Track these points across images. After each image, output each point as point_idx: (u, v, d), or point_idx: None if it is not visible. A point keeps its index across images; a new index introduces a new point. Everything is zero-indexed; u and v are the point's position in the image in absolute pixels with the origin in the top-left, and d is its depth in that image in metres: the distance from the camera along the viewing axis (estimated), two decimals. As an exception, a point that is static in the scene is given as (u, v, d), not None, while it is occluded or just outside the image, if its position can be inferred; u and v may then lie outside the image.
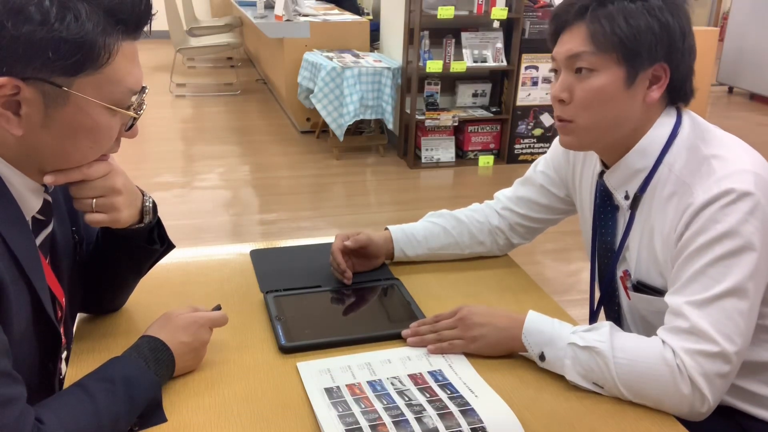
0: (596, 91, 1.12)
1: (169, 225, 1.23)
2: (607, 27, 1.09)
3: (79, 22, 0.85)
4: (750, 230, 1.03)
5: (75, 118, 0.90)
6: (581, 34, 1.11)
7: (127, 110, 0.95)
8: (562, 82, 1.15)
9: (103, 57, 0.88)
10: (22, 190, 0.94)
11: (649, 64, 1.11)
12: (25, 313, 0.94)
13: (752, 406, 1.20)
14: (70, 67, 0.86)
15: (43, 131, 0.89)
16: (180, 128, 5.69)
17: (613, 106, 1.13)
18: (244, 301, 1.33)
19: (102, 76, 0.89)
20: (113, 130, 0.96)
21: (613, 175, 1.21)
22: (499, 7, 4.54)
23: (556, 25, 1.16)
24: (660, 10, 1.09)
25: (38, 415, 0.85)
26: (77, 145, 0.93)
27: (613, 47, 1.09)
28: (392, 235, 1.45)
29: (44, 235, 1.03)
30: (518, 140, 4.96)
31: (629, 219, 1.21)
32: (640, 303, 1.23)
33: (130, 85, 0.94)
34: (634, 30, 1.08)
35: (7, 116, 0.87)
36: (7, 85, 0.84)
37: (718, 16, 9.04)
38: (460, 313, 1.19)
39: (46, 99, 0.87)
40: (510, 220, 1.48)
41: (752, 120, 6.43)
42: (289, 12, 5.43)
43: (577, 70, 1.13)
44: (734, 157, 1.09)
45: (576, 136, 1.18)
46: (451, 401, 1.03)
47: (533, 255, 3.55)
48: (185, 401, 1.04)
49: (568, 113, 1.16)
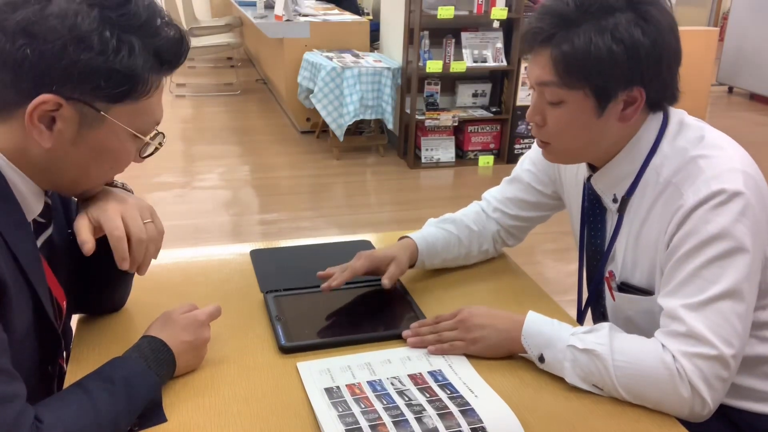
0: (566, 122, 1.12)
1: (169, 225, 1.23)
2: (570, 54, 1.06)
3: (132, 57, 0.91)
4: (742, 231, 1.03)
5: (105, 140, 0.95)
6: (545, 60, 1.09)
7: (152, 140, 1.02)
8: (534, 107, 1.15)
9: (144, 90, 0.94)
10: (25, 193, 0.95)
11: (621, 91, 1.08)
12: (26, 314, 0.94)
13: (743, 400, 1.20)
14: (114, 96, 0.92)
15: (71, 148, 0.93)
16: (180, 128, 5.70)
17: (586, 133, 1.13)
18: (244, 301, 1.33)
19: (138, 106, 0.96)
20: (131, 156, 1.02)
21: (600, 180, 1.22)
22: (499, 7, 4.54)
23: (526, 46, 1.14)
24: (627, 29, 1.04)
25: (38, 414, 0.85)
26: (99, 165, 0.98)
27: (578, 78, 1.07)
28: (417, 246, 1.40)
29: (44, 237, 1.03)
30: (518, 140, 4.96)
31: (617, 221, 1.21)
32: (625, 303, 1.23)
33: (157, 117, 1.01)
34: (597, 62, 1.04)
35: (40, 129, 0.90)
36: (49, 102, 0.88)
37: (718, 16, 9.04)
38: (461, 315, 1.19)
39: (83, 119, 0.92)
40: (503, 223, 1.48)
41: (752, 120, 6.43)
42: (289, 12, 5.43)
43: (548, 101, 1.12)
44: (722, 156, 1.09)
45: (555, 155, 1.21)
46: (451, 401, 1.03)
47: (533, 255, 3.55)
48: (185, 401, 1.04)
49: (544, 136, 1.17)
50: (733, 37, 7.18)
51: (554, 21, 1.07)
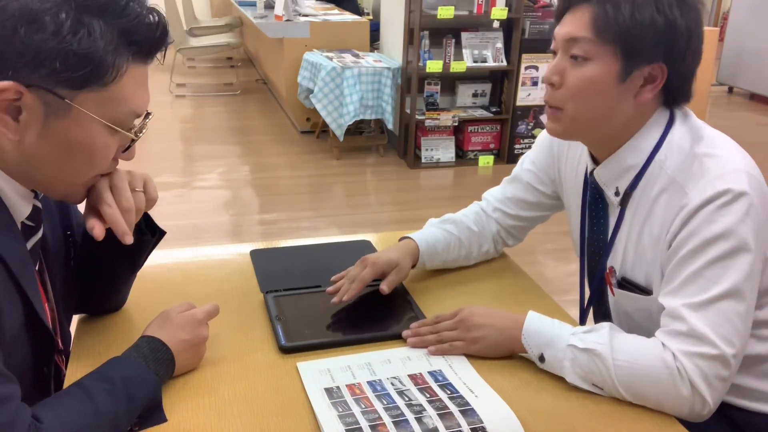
0: (587, 81, 1.11)
1: (169, 225, 1.23)
2: (611, 14, 1.07)
3: (91, 38, 0.86)
4: (745, 231, 1.03)
5: (73, 131, 0.90)
6: (584, 17, 1.10)
7: (127, 132, 0.95)
8: (555, 65, 1.15)
9: (110, 75, 0.89)
10: (12, 195, 0.93)
11: (647, 63, 1.10)
12: (16, 315, 0.94)
13: (742, 399, 1.20)
14: (75, 80, 0.87)
15: (40, 141, 0.89)
16: (180, 128, 5.69)
17: (602, 99, 1.12)
18: (244, 301, 1.33)
19: (106, 93, 0.90)
20: (110, 150, 0.96)
21: (603, 171, 1.21)
22: (499, 7, 4.54)
23: (562, 4, 1.15)
24: (670, 6, 1.07)
25: (37, 414, 0.85)
26: (72, 160, 0.93)
27: (613, 38, 1.08)
28: (419, 247, 1.40)
29: (34, 240, 1.02)
30: (518, 140, 4.96)
31: (619, 215, 1.21)
32: (624, 300, 1.23)
33: (134, 107, 0.94)
34: (637, 24, 1.07)
35: (6, 120, 0.87)
36: (9, 90, 0.84)
37: (718, 16, 9.04)
38: (461, 315, 1.19)
39: (47, 109, 0.87)
40: (503, 223, 1.48)
41: (752, 120, 6.43)
42: (289, 12, 5.43)
43: (573, 56, 1.12)
44: (727, 156, 1.09)
45: (563, 124, 1.17)
46: (451, 401, 1.03)
47: (533, 255, 3.55)
48: (185, 401, 1.04)
49: (557, 99, 1.15)
50: (733, 37, 7.18)
51: None
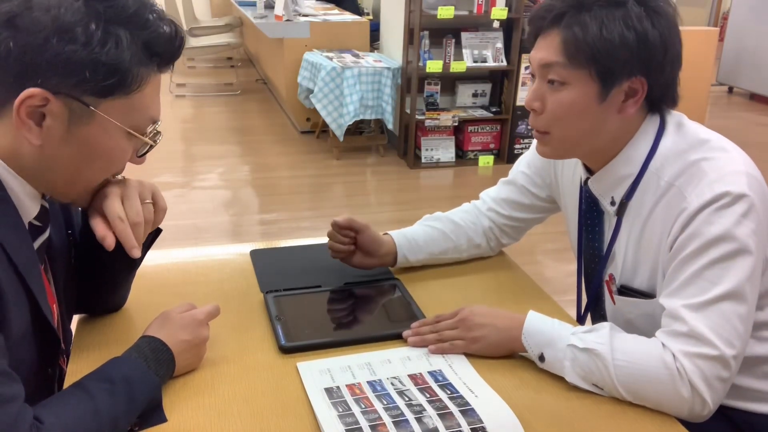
0: (568, 106, 1.11)
1: (169, 225, 1.23)
2: (580, 36, 1.06)
3: (119, 49, 0.89)
4: (745, 233, 1.03)
5: (95, 137, 0.93)
6: (555, 41, 1.10)
7: (150, 138, 1.00)
8: (535, 91, 1.15)
9: (135, 84, 0.93)
10: (21, 195, 0.94)
11: (625, 78, 1.09)
12: (24, 316, 0.94)
13: (741, 400, 1.20)
14: (102, 89, 0.90)
15: (62, 146, 0.92)
16: (180, 128, 5.70)
17: (586, 120, 1.12)
18: (244, 301, 1.33)
19: (129, 101, 0.94)
20: (126, 155, 1.00)
21: (598, 183, 1.21)
22: (499, 7, 4.55)
23: (533, 29, 1.15)
24: (639, 19, 1.06)
25: (38, 414, 0.85)
26: (91, 164, 0.97)
27: (586, 61, 1.08)
28: (395, 241, 1.42)
29: (41, 240, 1.02)
30: (518, 140, 4.96)
31: (616, 225, 1.21)
32: (625, 306, 1.23)
33: (152, 114, 0.99)
34: (607, 43, 1.06)
35: (29, 125, 0.89)
36: (36, 96, 0.87)
37: (718, 16, 9.03)
38: (461, 314, 1.19)
39: (72, 115, 0.90)
40: (496, 222, 1.48)
41: (752, 120, 6.43)
42: (289, 12, 5.43)
43: (550, 81, 1.12)
44: (725, 158, 1.09)
45: (551, 147, 1.19)
46: (451, 401, 1.03)
47: (533, 255, 3.55)
48: (185, 401, 1.04)
49: (542, 124, 1.16)
50: (733, 37, 7.18)
51: (566, 1, 1.09)
